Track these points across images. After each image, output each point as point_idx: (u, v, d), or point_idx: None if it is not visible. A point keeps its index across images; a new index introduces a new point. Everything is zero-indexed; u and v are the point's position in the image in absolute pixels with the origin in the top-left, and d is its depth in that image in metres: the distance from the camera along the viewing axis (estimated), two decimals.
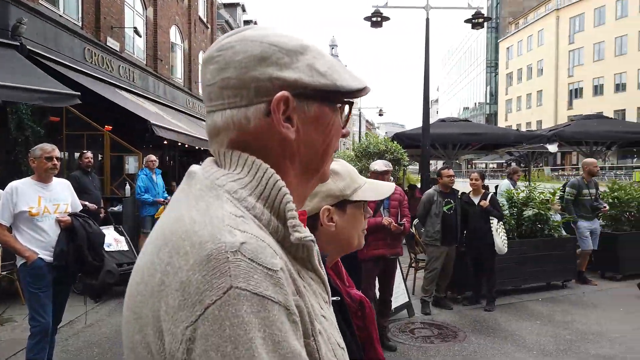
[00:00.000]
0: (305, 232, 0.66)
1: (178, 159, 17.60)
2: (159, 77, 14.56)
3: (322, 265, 0.74)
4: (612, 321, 5.51)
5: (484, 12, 11.11)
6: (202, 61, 0.74)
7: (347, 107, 0.77)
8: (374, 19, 9.58)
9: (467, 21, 9.80)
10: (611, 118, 11.89)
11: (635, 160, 36.05)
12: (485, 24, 10.86)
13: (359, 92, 0.74)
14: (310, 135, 0.72)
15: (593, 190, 7.21)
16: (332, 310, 0.76)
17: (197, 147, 13.06)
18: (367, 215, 0.89)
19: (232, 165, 0.69)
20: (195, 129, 13.61)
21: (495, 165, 51.54)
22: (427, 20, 9.25)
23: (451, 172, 6.01)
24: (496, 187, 8.79)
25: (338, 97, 0.73)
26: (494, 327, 5.37)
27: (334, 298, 0.86)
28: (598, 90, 43.75)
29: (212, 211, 0.61)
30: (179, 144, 11.56)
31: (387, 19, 9.64)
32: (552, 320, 5.58)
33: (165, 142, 11.20)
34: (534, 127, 47.55)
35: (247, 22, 34.84)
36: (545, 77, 50.57)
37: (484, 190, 6.06)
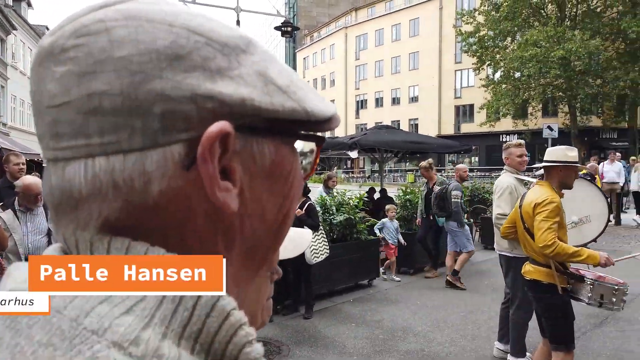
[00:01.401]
0: None
1: None
2: None
3: None
4: (414, 315, 6.08)
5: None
6: (36, 57, 0.36)
7: (313, 145, 0.46)
8: None
9: (277, 28, 9.89)
10: (398, 129, 13.54)
11: (407, 164, 42.26)
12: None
13: (330, 122, 0.44)
14: (261, 199, 0.40)
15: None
16: None
17: None
18: (274, 277, 0.54)
19: None
20: None
21: None
22: (238, 22, 9.03)
23: None
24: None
25: (300, 129, 0.42)
26: (315, 336, 5.38)
27: None
28: (379, 102, 50.15)
29: None
30: None
31: None
32: (365, 321, 5.87)
33: None
34: (328, 134, 51.96)
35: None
36: (337, 88, 55.80)
37: (303, 198, 6.07)
